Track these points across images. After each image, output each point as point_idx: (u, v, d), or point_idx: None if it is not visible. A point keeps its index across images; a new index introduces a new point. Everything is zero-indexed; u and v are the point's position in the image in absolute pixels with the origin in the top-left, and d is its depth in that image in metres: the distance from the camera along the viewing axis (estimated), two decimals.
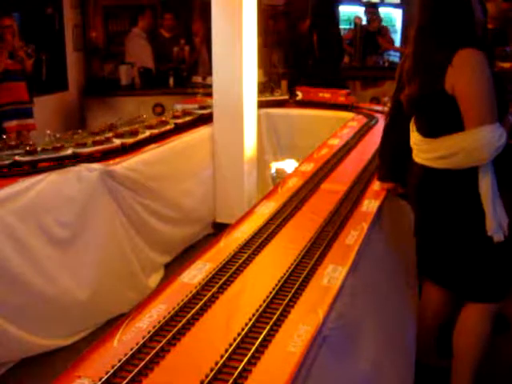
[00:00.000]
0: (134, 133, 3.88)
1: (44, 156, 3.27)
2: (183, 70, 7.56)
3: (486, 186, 2.26)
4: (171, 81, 7.25)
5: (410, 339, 2.66)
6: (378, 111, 5.22)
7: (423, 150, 2.42)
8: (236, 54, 4.33)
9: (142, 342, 1.56)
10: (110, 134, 3.74)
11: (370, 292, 2.23)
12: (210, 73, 4.84)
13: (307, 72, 6.80)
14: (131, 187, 3.59)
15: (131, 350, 1.53)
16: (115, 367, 1.45)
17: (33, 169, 3.19)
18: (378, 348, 2.09)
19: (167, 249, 4.08)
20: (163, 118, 4.48)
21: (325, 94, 5.50)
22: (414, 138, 2.48)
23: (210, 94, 4.76)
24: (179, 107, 5.02)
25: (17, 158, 3.20)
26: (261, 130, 5.30)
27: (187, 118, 4.60)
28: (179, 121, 4.50)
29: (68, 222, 3.18)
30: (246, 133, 4.49)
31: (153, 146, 3.95)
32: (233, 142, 4.52)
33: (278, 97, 5.68)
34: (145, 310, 1.77)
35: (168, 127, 4.28)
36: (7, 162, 3.17)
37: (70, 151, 3.38)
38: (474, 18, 2.29)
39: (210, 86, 4.71)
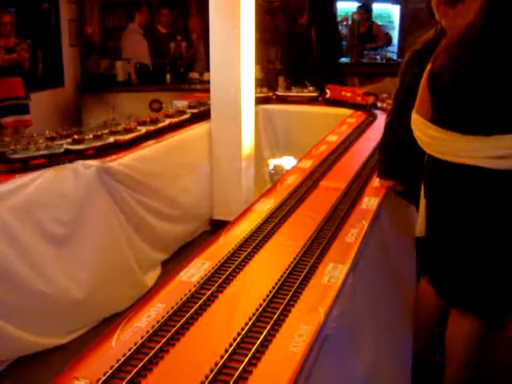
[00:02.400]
0: (155, 121, 4.18)
1: (92, 144, 3.48)
2: (180, 65, 7.53)
3: None
4: (168, 77, 7.21)
5: (407, 337, 2.64)
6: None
7: (467, 148, 2.15)
8: (234, 50, 4.29)
9: (140, 342, 1.54)
10: (134, 124, 3.97)
11: (370, 290, 2.21)
12: (206, 69, 4.82)
13: (305, 68, 6.77)
14: (128, 184, 3.55)
15: (130, 350, 1.50)
16: (113, 368, 1.43)
17: (81, 156, 3.39)
18: (378, 346, 2.08)
19: (164, 246, 4.05)
20: (180, 108, 4.73)
21: (346, 93, 5.35)
22: (441, 133, 2.21)
23: (207, 90, 4.74)
24: (177, 104, 5.00)
25: (67, 146, 3.37)
26: (258, 127, 5.27)
27: (202, 108, 4.75)
28: (195, 110, 4.69)
29: (64, 219, 3.15)
30: (243, 129, 4.46)
31: (150, 142, 3.93)
32: (230, 138, 4.49)
33: (306, 93, 5.60)
34: (143, 309, 1.74)
35: (185, 116, 4.55)
36: (60, 150, 3.33)
37: (111, 139, 3.62)
38: None
39: (207, 82, 4.69)
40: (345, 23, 8.81)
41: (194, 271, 1.98)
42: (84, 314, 3.25)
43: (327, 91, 5.55)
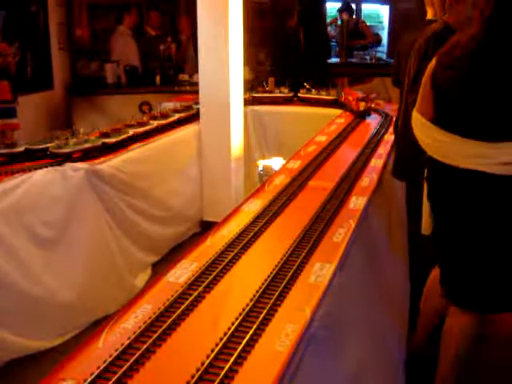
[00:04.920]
0: (166, 115, 4.57)
1: (120, 137, 3.84)
2: (170, 67, 7.53)
3: None
4: (158, 79, 7.21)
5: (400, 334, 2.66)
6: None
7: (473, 153, 2.12)
8: (222, 51, 4.30)
9: (127, 343, 1.54)
10: (146, 118, 4.43)
11: (358, 289, 2.22)
12: (196, 70, 4.81)
13: (294, 69, 6.78)
14: (117, 186, 3.56)
15: (116, 350, 1.51)
16: (100, 368, 1.43)
17: (116, 148, 3.79)
18: (367, 345, 2.08)
19: (154, 248, 4.06)
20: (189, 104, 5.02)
21: (349, 97, 5.21)
22: (447, 137, 2.18)
23: (197, 92, 4.74)
24: (167, 105, 5.01)
25: (104, 140, 3.71)
26: (248, 128, 5.28)
27: None
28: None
29: (53, 221, 3.15)
30: (232, 131, 4.47)
31: (138, 144, 3.94)
32: (220, 140, 4.50)
33: (326, 96, 5.53)
34: (130, 310, 1.75)
35: (193, 111, 4.84)
36: (98, 144, 3.64)
37: (131, 132, 3.99)
38: None
39: (197, 84, 4.69)
40: (334, 24, 8.83)
41: (182, 272, 1.99)
42: (74, 317, 3.25)
43: (343, 94, 5.49)
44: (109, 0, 7.73)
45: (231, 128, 4.45)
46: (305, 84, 5.72)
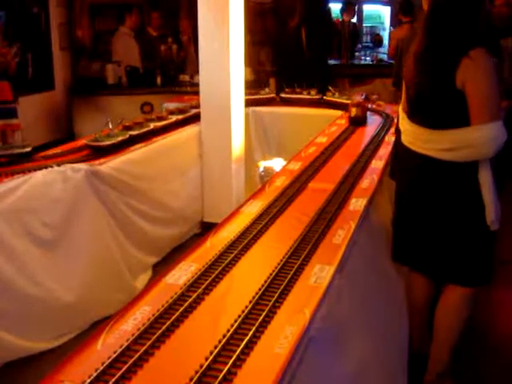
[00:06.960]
0: (183, 111, 4.77)
1: (142, 130, 4.09)
2: (171, 68, 7.53)
3: (486, 178, 2.34)
4: (159, 79, 7.21)
5: (402, 333, 2.65)
6: None
7: (424, 140, 2.43)
8: (223, 52, 4.29)
9: (126, 345, 1.54)
10: (166, 113, 4.66)
11: (357, 291, 2.22)
12: (197, 71, 4.81)
13: (296, 70, 6.78)
14: (117, 187, 3.55)
15: (115, 352, 1.51)
16: (98, 371, 1.43)
17: (141, 139, 4.04)
18: (366, 348, 2.08)
19: (155, 249, 4.04)
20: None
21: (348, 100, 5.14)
22: (410, 126, 2.50)
23: (197, 93, 4.74)
24: (168, 106, 5.01)
25: (131, 133, 3.96)
26: (249, 129, 5.27)
27: None
28: None
29: (53, 223, 3.14)
30: (233, 131, 4.46)
31: (138, 145, 3.93)
32: (220, 141, 4.49)
33: (346, 100, 5.36)
34: (129, 312, 1.74)
35: None
36: (126, 137, 3.88)
37: (152, 126, 4.22)
38: (481, 16, 2.39)
39: (198, 85, 4.68)
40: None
41: (181, 274, 1.98)
42: (74, 318, 3.23)
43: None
44: (110, 1, 7.73)
45: (232, 129, 4.44)
46: (330, 88, 5.68)
